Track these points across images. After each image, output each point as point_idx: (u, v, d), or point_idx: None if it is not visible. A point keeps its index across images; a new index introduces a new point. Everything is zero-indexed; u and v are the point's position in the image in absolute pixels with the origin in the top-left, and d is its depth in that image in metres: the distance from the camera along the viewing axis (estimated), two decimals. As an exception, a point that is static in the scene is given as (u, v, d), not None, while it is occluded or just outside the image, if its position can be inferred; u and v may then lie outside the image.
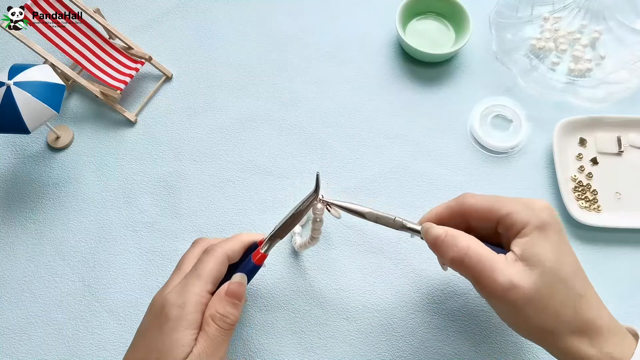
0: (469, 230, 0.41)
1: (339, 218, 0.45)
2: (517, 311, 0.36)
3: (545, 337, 0.37)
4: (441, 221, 0.42)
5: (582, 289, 0.37)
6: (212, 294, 0.40)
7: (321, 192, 0.43)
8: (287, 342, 0.49)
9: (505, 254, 0.38)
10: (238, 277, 0.41)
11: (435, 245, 0.40)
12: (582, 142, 0.58)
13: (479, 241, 0.39)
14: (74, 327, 0.51)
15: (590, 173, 0.56)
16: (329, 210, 0.44)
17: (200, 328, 0.38)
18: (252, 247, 0.44)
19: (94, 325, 0.51)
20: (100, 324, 0.51)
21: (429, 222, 0.42)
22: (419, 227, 0.42)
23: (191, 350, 0.37)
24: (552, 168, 0.56)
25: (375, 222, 0.43)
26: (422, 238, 0.42)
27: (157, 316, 0.39)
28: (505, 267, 0.36)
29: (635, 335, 0.38)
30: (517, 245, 0.37)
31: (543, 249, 0.36)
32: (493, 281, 0.36)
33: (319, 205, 0.43)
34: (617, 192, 0.55)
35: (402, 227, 0.43)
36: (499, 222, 0.39)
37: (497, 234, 0.41)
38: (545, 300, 0.36)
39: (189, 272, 0.41)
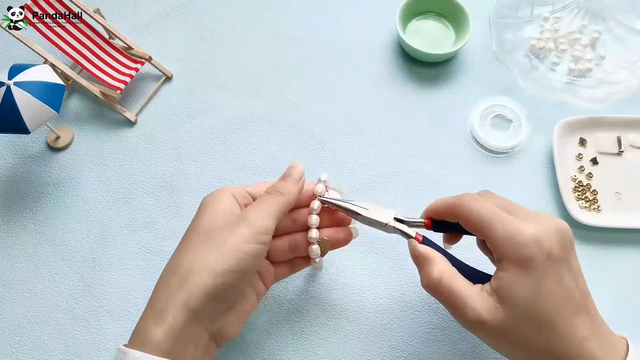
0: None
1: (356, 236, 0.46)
2: (492, 341, 0.37)
3: None
4: (439, 216, 0.42)
5: (563, 326, 0.35)
6: (250, 194, 0.42)
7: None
8: (287, 342, 0.49)
9: (485, 281, 0.37)
10: (295, 163, 0.44)
11: (416, 266, 0.41)
12: (582, 142, 0.58)
13: (454, 271, 0.38)
14: (74, 327, 0.51)
15: (590, 173, 0.56)
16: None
17: (234, 205, 0.40)
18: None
19: (94, 325, 0.51)
20: (100, 324, 0.51)
21: (414, 240, 0.41)
22: (412, 234, 0.42)
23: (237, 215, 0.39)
24: (552, 168, 0.56)
25: (369, 225, 0.43)
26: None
27: (195, 214, 0.41)
28: (476, 302, 0.36)
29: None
30: (495, 278, 0.37)
31: (517, 287, 0.35)
32: (462, 315, 0.36)
33: (317, 203, 0.43)
34: (617, 192, 0.55)
35: (395, 231, 0.43)
36: (486, 239, 0.38)
37: None
38: (516, 336, 0.35)
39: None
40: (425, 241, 0.42)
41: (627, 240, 0.54)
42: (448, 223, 0.43)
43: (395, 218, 0.43)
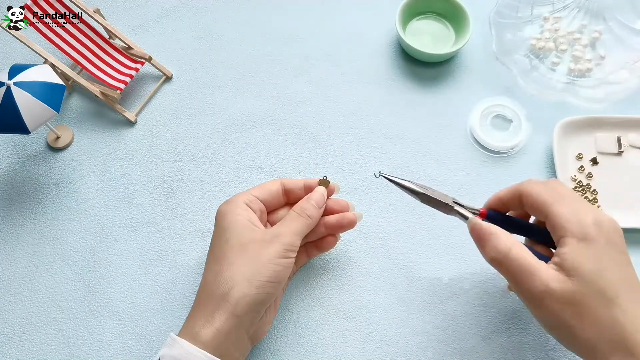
0: (527, 215, 0.43)
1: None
2: (556, 318, 0.37)
3: (589, 353, 0.37)
4: (501, 204, 0.44)
5: (626, 302, 0.36)
6: (262, 201, 0.47)
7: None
8: (287, 342, 0.49)
9: (548, 260, 0.39)
10: (319, 188, 0.48)
11: (478, 242, 0.42)
12: (582, 142, 0.58)
13: (521, 245, 0.40)
14: (74, 327, 0.51)
15: (590, 173, 0.56)
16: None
17: (253, 217, 0.45)
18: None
19: (94, 325, 0.51)
20: (100, 324, 0.51)
21: (475, 218, 0.43)
22: (469, 215, 0.44)
23: (261, 231, 0.44)
24: (552, 168, 0.56)
25: (427, 204, 0.46)
26: None
27: (216, 226, 0.46)
28: (543, 273, 0.37)
29: None
30: (557, 254, 0.38)
31: (582, 259, 0.37)
32: (530, 285, 0.37)
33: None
34: (617, 192, 0.55)
35: (453, 212, 0.45)
36: (546, 218, 0.40)
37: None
38: (582, 308, 0.36)
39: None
40: (489, 218, 0.44)
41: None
42: (503, 218, 0.45)
43: (454, 201, 0.45)
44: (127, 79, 0.60)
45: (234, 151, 0.59)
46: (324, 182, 0.48)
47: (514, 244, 0.39)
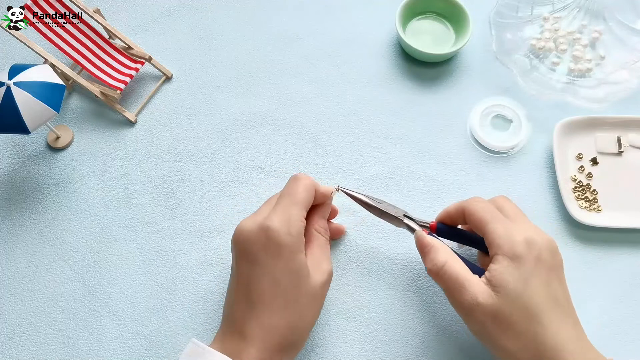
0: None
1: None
2: (483, 328, 0.40)
3: (508, 356, 0.40)
4: (449, 218, 0.47)
5: (549, 321, 0.38)
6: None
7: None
8: (287, 342, 0.49)
9: (481, 275, 0.41)
10: (328, 202, 0.48)
11: (420, 253, 0.45)
12: (582, 142, 0.58)
13: (457, 258, 0.43)
14: (74, 327, 0.51)
15: (590, 173, 0.56)
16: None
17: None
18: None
19: (94, 325, 0.51)
20: (100, 324, 0.51)
21: (421, 231, 0.46)
22: (417, 228, 0.47)
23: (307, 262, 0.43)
24: (552, 168, 0.56)
25: (380, 217, 0.49)
26: None
27: (265, 246, 0.41)
28: (474, 286, 0.40)
29: None
30: (489, 270, 0.40)
31: (509, 277, 0.39)
32: (461, 298, 0.40)
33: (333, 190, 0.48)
34: (617, 192, 0.55)
35: (402, 225, 0.48)
36: (484, 235, 0.43)
37: None
38: (506, 323, 0.39)
39: (283, 198, 0.44)
40: (431, 234, 0.46)
41: (627, 240, 0.54)
42: (452, 231, 0.48)
43: (404, 214, 0.48)
44: (127, 79, 0.60)
45: (234, 151, 0.59)
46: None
47: (449, 258, 0.42)
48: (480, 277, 0.41)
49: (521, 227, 0.42)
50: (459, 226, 0.48)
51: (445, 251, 0.43)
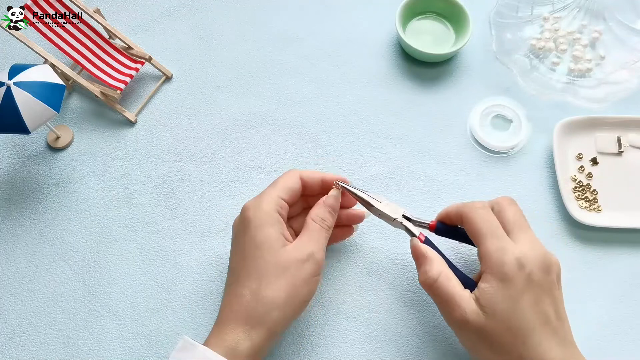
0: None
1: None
2: (472, 343, 0.41)
3: None
4: (449, 219, 0.47)
5: (537, 341, 0.39)
6: (286, 202, 0.46)
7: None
8: (287, 342, 0.49)
9: (473, 288, 0.41)
10: (334, 192, 0.47)
11: (415, 262, 0.45)
12: (582, 142, 0.58)
13: (450, 273, 0.42)
14: (74, 327, 0.51)
15: (590, 173, 0.56)
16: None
17: (284, 227, 0.44)
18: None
19: (94, 325, 0.51)
20: (100, 324, 0.51)
21: (416, 239, 0.45)
22: (416, 233, 0.46)
23: (290, 242, 0.44)
24: (552, 168, 0.56)
25: (379, 217, 0.47)
26: None
27: (240, 223, 0.45)
28: (465, 304, 0.40)
29: None
30: (478, 288, 0.41)
31: (497, 298, 0.39)
32: (451, 313, 0.41)
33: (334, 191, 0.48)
34: (617, 192, 0.55)
35: (401, 227, 0.47)
36: (478, 248, 0.42)
37: None
38: (493, 341, 0.39)
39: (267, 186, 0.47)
40: (427, 242, 0.45)
41: (627, 240, 0.54)
42: (452, 229, 0.47)
43: (403, 215, 0.47)
44: (127, 79, 0.60)
45: (234, 151, 0.59)
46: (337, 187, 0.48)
47: (442, 271, 0.42)
48: (472, 291, 0.41)
49: (516, 244, 0.41)
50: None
51: (438, 263, 0.42)
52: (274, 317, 0.41)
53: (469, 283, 0.42)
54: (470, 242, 0.47)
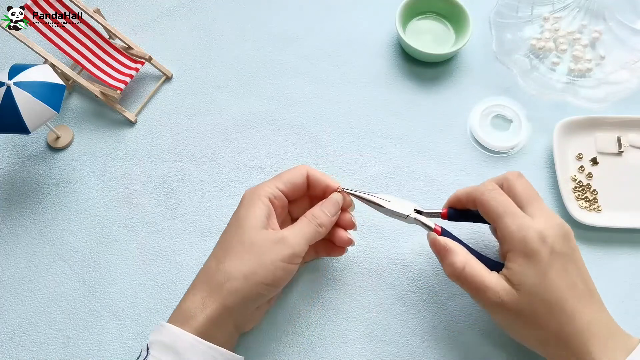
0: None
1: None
2: (509, 322, 0.42)
3: (537, 346, 0.42)
4: (459, 203, 0.47)
5: (571, 309, 0.39)
6: (285, 194, 0.47)
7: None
8: (287, 342, 0.49)
9: (499, 268, 0.42)
10: (335, 195, 0.47)
11: (437, 256, 0.45)
12: (582, 142, 0.58)
13: (474, 259, 0.43)
14: (74, 327, 0.51)
15: (590, 173, 0.56)
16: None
17: (271, 214, 0.45)
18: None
19: (94, 325, 0.51)
20: (100, 324, 0.51)
21: (434, 233, 0.46)
22: (431, 225, 0.46)
23: (276, 231, 0.44)
24: (552, 168, 0.56)
25: (390, 216, 0.47)
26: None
27: (236, 210, 0.46)
28: (496, 285, 0.41)
29: None
30: (506, 268, 0.42)
31: (527, 274, 0.40)
32: (485, 298, 0.41)
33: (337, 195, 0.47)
34: (617, 192, 0.55)
35: (416, 222, 0.47)
36: (497, 228, 0.43)
37: None
38: (530, 317, 0.40)
39: None
40: (444, 233, 0.46)
41: (627, 240, 0.54)
42: (463, 213, 0.48)
43: (415, 210, 0.47)
44: (127, 79, 0.60)
45: (234, 151, 0.59)
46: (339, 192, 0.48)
47: (468, 260, 0.42)
48: (498, 272, 0.42)
49: (533, 219, 0.41)
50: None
51: (461, 253, 0.43)
52: (229, 288, 0.41)
53: (493, 265, 0.43)
54: (484, 221, 0.47)
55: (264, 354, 0.49)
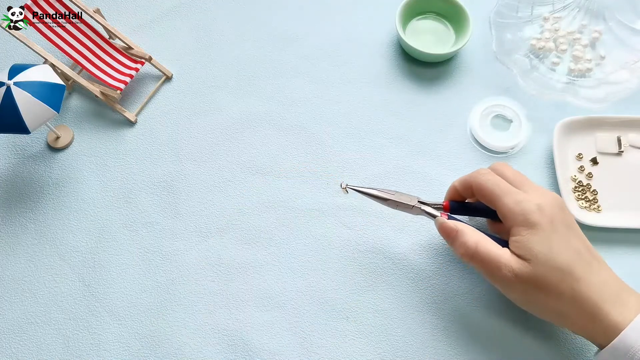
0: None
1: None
2: (526, 296, 0.43)
3: (556, 318, 0.43)
4: (457, 194, 0.49)
5: (581, 272, 0.41)
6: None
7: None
8: (287, 342, 0.49)
9: (506, 245, 0.43)
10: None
11: (447, 239, 0.46)
12: (582, 142, 0.58)
13: (485, 237, 0.44)
14: (74, 327, 0.51)
15: (590, 173, 0.56)
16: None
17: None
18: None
19: (94, 325, 0.51)
20: (100, 324, 0.51)
21: (441, 217, 0.47)
22: (437, 214, 0.47)
23: None
24: (552, 168, 0.56)
25: (396, 208, 0.49)
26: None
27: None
28: (508, 260, 0.42)
29: None
30: (511, 243, 0.43)
31: (532, 244, 0.41)
32: (499, 274, 0.42)
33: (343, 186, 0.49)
34: (617, 192, 0.55)
35: (420, 212, 0.48)
36: (497, 209, 0.44)
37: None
38: (545, 286, 0.41)
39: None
40: (450, 218, 0.47)
41: (627, 240, 0.54)
42: (464, 206, 0.49)
43: (419, 201, 0.48)
44: (127, 79, 0.60)
45: (234, 151, 0.59)
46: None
47: (479, 239, 0.44)
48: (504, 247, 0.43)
49: (526, 196, 0.43)
50: (468, 199, 0.50)
51: (471, 233, 0.44)
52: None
53: (500, 242, 0.44)
54: (484, 215, 0.49)
55: (264, 353, 0.49)
